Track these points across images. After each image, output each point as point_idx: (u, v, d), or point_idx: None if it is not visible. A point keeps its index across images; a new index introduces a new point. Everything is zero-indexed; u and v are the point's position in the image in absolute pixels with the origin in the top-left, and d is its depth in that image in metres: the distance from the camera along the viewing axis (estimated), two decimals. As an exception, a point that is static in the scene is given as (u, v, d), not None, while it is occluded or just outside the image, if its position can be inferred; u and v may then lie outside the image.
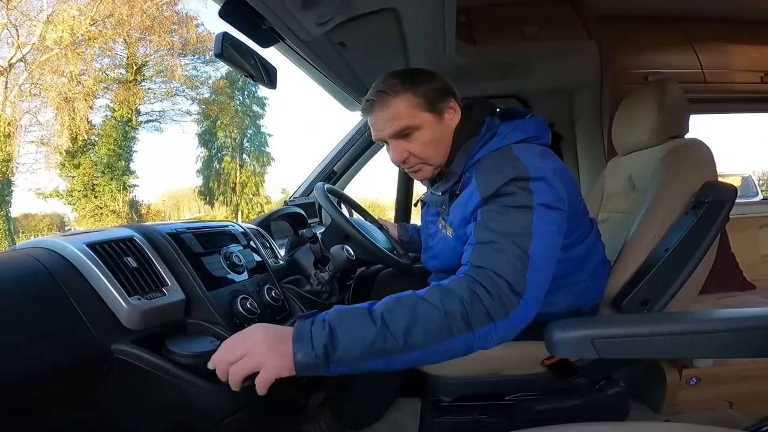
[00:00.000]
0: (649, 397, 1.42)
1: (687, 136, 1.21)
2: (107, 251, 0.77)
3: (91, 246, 0.76)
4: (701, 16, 2.02)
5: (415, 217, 2.19)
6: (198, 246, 0.95)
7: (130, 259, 0.79)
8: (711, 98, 2.16)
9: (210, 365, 0.68)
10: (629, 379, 1.15)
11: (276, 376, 0.64)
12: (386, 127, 0.92)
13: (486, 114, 0.96)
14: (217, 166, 17.05)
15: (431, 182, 1.06)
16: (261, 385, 0.64)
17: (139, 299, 0.75)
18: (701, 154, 1.11)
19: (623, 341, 0.60)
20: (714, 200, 1.00)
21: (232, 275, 1.00)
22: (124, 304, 0.73)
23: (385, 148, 0.99)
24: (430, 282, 0.95)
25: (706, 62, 1.98)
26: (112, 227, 0.90)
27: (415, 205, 1.30)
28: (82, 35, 13.10)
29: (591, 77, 1.85)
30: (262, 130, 17.57)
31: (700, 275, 1.06)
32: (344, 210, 1.76)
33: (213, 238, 1.03)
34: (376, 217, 1.61)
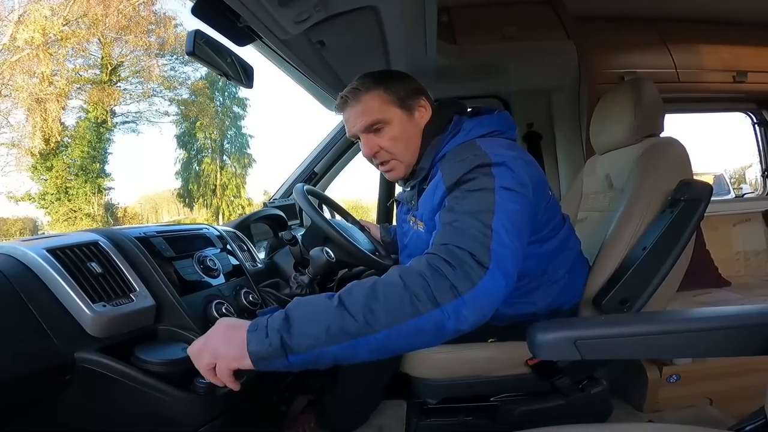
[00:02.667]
0: (631, 395, 1.43)
1: (662, 135, 1.22)
2: (69, 257, 0.75)
3: (52, 251, 0.73)
4: (675, 16, 2.07)
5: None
6: (169, 250, 0.92)
7: (94, 264, 0.76)
8: (685, 98, 2.21)
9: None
10: (611, 378, 1.16)
11: (232, 367, 0.63)
12: (358, 122, 0.95)
13: (454, 112, 0.98)
14: (197, 168, 16.73)
15: (404, 182, 1.08)
16: (221, 377, 0.64)
17: (104, 306, 0.73)
18: (676, 152, 1.13)
19: (605, 342, 0.59)
20: (690, 198, 1.01)
21: (206, 279, 0.97)
22: (87, 311, 0.71)
23: (359, 144, 1.00)
24: None
25: (680, 62, 2.03)
26: (76, 232, 0.86)
27: (390, 205, 1.29)
28: (54, 35, 12.72)
29: (569, 77, 1.87)
30: (243, 131, 17.32)
31: (677, 273, 1.07)
32: (326, 211, 1.74)
33: (186, 242, 1.00)
34: (358, 219, 1.59)
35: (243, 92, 16.57)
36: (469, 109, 1.03)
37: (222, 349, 0.63)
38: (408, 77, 0.99)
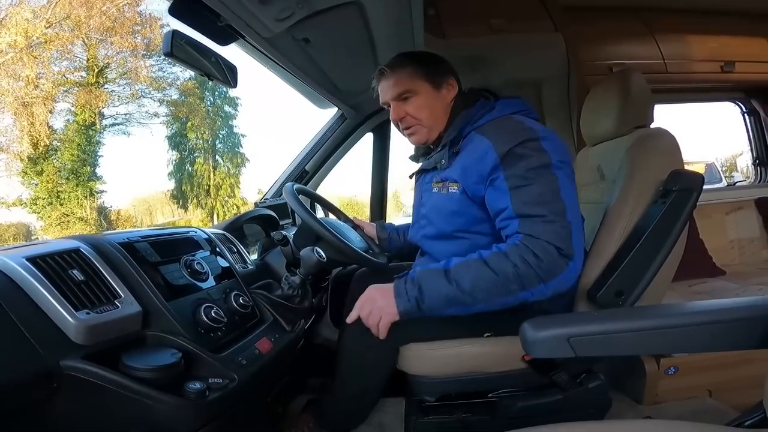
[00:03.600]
0: (630, 388, 1.44)
1: (652, 125, 1.22)
2: (50, 264, 0.73)
3: (31, 260, 0.72)
4: (662, 6, 2.07)
5: (390, 213, 2.18)
6: (155, 255, 0.90)
7: (76, 271, 0.75)
8: (673, 88, 2.22)
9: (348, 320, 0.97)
10: (609, 371, 1.16)
11: (391, 321, 0.91)
12: (389, 92, 1.09)
13: (480, 94, 1.13)
14: (190, 168, 16.59)
15: (425, 152, 1.22)
16: (382, 328, 0.92)
17: (88, 313, 0.71)
18: (667, 142, 1.12)
19: (599, 338, 0.58)
20: (682, 188, 1.00)
21: (195, 283, 0.95)
22: (70, 318, 0.69)
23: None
24: (417, 260, 1.23)
25: (668, 53, 2.03)
26: (57, 239, 0.85)
27: (411, 177, 1.34)
28: (37, 38, 12.53)
29: (558, 69, 1.87)
30: (235, 130, 17.20)
31: (672, 263, 1.07)
32: (318, 210, 1.72)
33: (172, 246, 0.98)
34: (352, 217, 1.58)
35: (233, 91, 16.43)
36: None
37: (385, 309, 0.91)
38: (441, 59, 1.13)
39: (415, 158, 1.29)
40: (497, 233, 0.98)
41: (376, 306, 0.92)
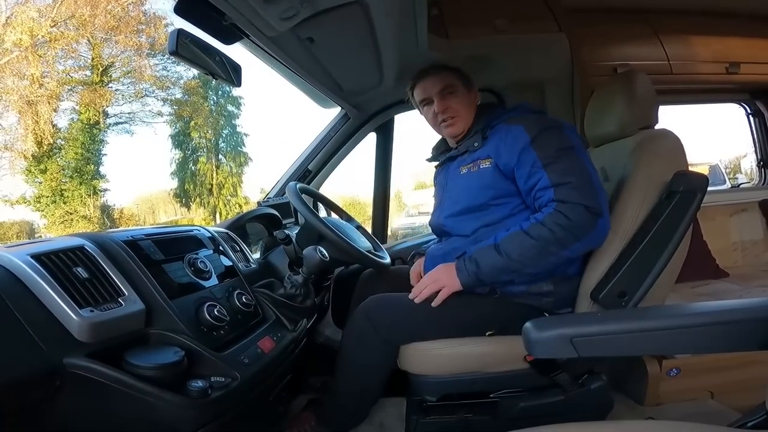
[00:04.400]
0: (632, 389, 1.43)
1: (656, 126, 1.22)
2: (54, 262, 0.73)
3: (36, 257, 0.72)
4: (666, 8, 2.06)
5: (393, 213, 2.17)
6: (158, 253, 0.91)
7: (80, 269, 0.75)
8: (677, 89, 2.20)
9: (413, 294, 1.11)
10: (611, 372, 1.15)
11: (453, 290, 1.07)
12: (436, 86, 1.23)
13: (497, 104, 1.31)
14: (193, 167, 16.62)
15: (445, 150, 1.35)
16: (442, 296, 1.07)
17: (91, 311, 0.71)
18: (671, 144, 1.12)
19: (602, 339, 0.58)
20: (686, 190, 1.00)
21: (198, 282, 0.96)
22: (74, 316, 0.69)
23: (422, 112, 1.31)
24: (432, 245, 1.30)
25: (672, 54, 2.02)
26: (61, 237, 0.85)
27: (436, 167, 1.42)
28: (42, 37, 12.58)
29: (562, 70, 1.86)
30: (238, 129, 17.19)
31: (675, 265, 1.07)
32: (321, 210, 1.73)
33: (175, 245, 0.99)
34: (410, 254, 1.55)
35: (237, 90, 16.44)
36: None
37: (448, 283, 1.08)
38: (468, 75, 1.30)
39: (434, 158, 1.40)
40: (518, 206, 1.12)
41: (441, 280, 1.08)
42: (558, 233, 0.98)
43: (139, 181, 25.21)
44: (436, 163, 1.39)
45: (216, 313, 0.90)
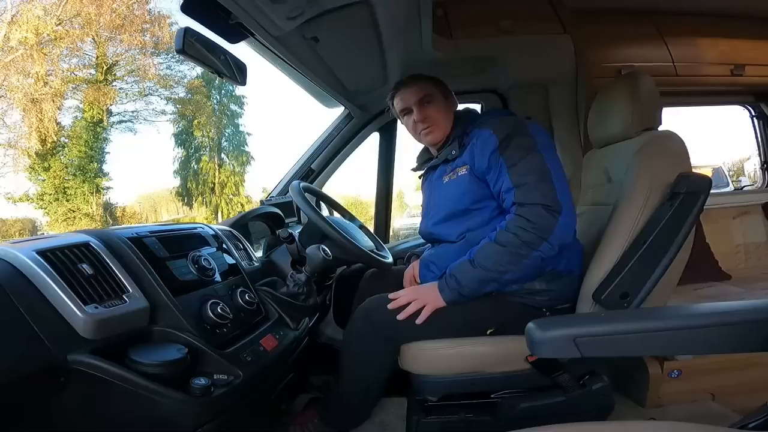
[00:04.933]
0: (633, 390, 1.43)
1: (660, 128, 1.21)
2: (60, 258, 0.73)
3: (42, 253, 0.72)
4: (672, 9, 2.05)
5: (395, 213, 2.17)
6: (163, 250, 0.91)
7: (85, 265, 0.75)
8: (682, 91, 2.20)
9: (392, 305, 1.10)
10: (612, 373, 1.15)
11: (436, 307, 1.08)
12: (414, 96, 1.26)
13: (472, 110, 1.34)
14: (195, 166, 16.65)
15: (427, 159, 1.37)
16: (425, 313, 1.08)
17: (96, 307, 0.72)
18: (675, 145, 1.12)
19: (605, 339, 0.58)
20: (689, 191, 1.00)
21: (202, 279, 0.96)
22: (79, 313, 0.70)
23: (403, 122, 1.34)
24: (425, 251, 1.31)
25: (677, 55, 2.01)
26: (66, 233, 0.85)
27: (420, 177, 1.45)
28: (48, 35, 12.62)
29: (566, 71, 1.85)
30: (241, 129, 17.24)
31: (678, 266, 1.06)
32: (323, 209, 1.73)
33: (180, 242, 0.99)
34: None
35: (240, 90, 16.47)
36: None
37: (431, 300, 1.09)
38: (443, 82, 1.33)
39: (418, 168, 1.42)
40: (497, 207, 1.14)
41: (423, 299, 1.10)
42: (523, 236, 1.01)
43: (142, 179, 25.28)
44: (421, 172, 1.41)
45: (219, 310, 0.90)
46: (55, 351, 0.67)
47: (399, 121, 1.33)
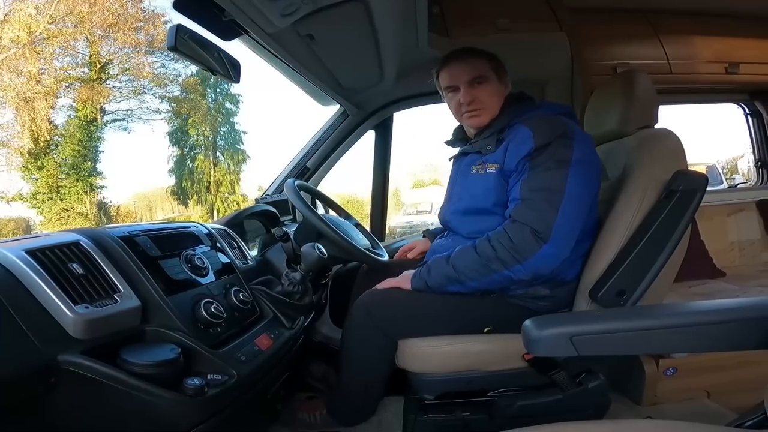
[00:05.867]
0: (629, 388, 1.43)
1: (656, 126, 1.21)
2: (49, 258, 0.72)
3: (31, 252, 0.71)
4: (667, 7, 2.06)
5: (391, 211, 2.17)
6: (155, 249, 0.90)
7: (75, 265, 0.74)
8: (677, 89, 2.20)
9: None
10: (609, 371, 1.15)
11: (405, 287, 1.12)
12: (465, 75, 1.16)
13: (527, 97, 1.24)
14: (190, 165, 16.59)
15: (463, 137, 1.31)
16: (383, 286, 1.16)
17: (86, 307, 0.70)
18: (671, 143, 1.12)
19: (602, 338, 0.58)
20: (685, 189, 1.00)
21: (195, 278, 0.95)
22: (69, 312, 0.68)
23: (445, 98, 1.24)
24: (437, 240, 1.32)
25: (672, 54, 2.02)
26: (57, 232, 0.84)
27: (450, 159, 1.39)
28: (40, 34, 12.53)
29: (562, 69, 1.86)
30: (236, 127, 17.19)
31: (674, 264, 1.07)
32: (319, 207, 1.72)
33: (172, 241, 0.98)
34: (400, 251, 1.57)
35: (235, 88, 16.41)
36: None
37: (402, 281, 1.14)
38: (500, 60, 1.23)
39: (452, 143, 1.37)
40: None
41: (396, 282, 1.15)
42: (499, 252, 0.98)
43: (137, 178, 25.10)
44: (453, 153, 1.36)
45: (213, 310, 0.89)
46: (45, 351, 0.66)
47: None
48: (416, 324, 1.10)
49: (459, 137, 1.33)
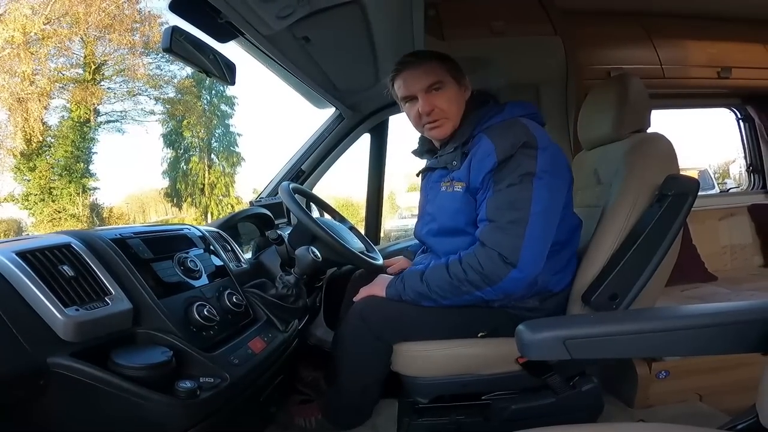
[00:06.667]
0: (622, 391, 1.44)
1: (649, 130, 1.22)
2: (39, 260, 0.71)
3: (21, 254, 0.70)
4: (660, 12, 2.08)
5: (386, 215, 2.16)
6: (147, 252, 0.89)
7: (66, 267, 0.73)
8: (669, 93, 2.23)
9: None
10: (602, 375, 1.16)
11: (379, 295, 1.12)
12: (419, 82, 1.09)
13: (490, 96, 1.19)
14: (185, 167, 16.49)
15: (429, 149, 1.27)
16: (359, 296, 1.16)
17: (77, 310, 0.70)
18: (663, 147, 1.13)
19: (595, 341, 0.58)
20: (677, 193, 1.01)
21: (187, 281, 0.94)
22: (59, 315, 0.68)
23: (404, 109, 1.17)
24: (417, 257, 1.34)
25: (665, 58, 2.04)
26: (47, 234, 0.83)
27: (417, 175, 1.36)
28: (35, 34, 12.45)
29: (556, 72, 1.87)
30: (231, 129, 17.13)
31: (666, 267, 1.07)
32: (314, 210, 1.71)
33: (165, 243, 0.97)
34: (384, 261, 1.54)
35: (230, 90, 16.36)
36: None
37: (377, 289, 1.14)
38: (456, 61, 1.16)
39: (418, 153, 1.32)
40: None
41: (370, 290, 1.15)
42: (470, 276, 0.98)
43: (130, 180, 24.96)
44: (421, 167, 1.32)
45: (206, 313, 0.89)
46: (35, 354, 0.65)
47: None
48: (411, 328, 1.10)
49: (426, 148, 1.28)
